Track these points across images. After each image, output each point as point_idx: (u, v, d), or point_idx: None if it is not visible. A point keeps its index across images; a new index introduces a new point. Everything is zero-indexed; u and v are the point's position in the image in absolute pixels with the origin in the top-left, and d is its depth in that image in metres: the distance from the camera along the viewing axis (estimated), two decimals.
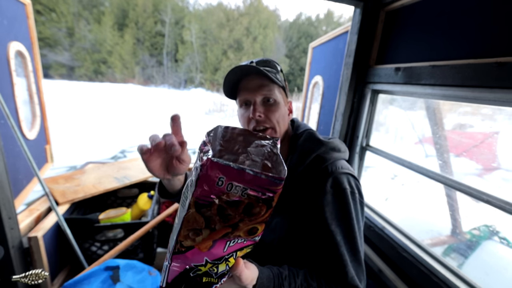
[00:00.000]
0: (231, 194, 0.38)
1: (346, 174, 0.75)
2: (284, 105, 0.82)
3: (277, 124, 0.78)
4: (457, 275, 0.99)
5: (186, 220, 0.41)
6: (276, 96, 0.78)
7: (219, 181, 0.38)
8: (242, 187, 0.38)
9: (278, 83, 0.79)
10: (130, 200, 1.82)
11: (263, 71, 0.74)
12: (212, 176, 0.37)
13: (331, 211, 0.72)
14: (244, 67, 0.75)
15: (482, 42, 0.91)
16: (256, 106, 0.77)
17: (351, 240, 0.71)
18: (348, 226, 0.71)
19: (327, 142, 0.79)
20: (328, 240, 0.70)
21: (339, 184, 0.73)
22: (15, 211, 1.00)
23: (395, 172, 1.84)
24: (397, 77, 1.23)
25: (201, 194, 0.38)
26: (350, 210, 0.72)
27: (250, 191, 0.39)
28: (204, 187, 0.38)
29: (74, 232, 1.33)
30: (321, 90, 1.94)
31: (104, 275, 1.13)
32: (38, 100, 1.52)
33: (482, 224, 1.30)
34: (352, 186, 0.74)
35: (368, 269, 1.35)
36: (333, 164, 0.77)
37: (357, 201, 0.74)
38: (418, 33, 1.18)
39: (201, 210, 0.40)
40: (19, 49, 1.30)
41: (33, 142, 1.44)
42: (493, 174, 1.30)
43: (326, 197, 0.72)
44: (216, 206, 0.39)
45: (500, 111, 1.15)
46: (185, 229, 0.42)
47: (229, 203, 0.39)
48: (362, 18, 1.39)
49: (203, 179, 0.37)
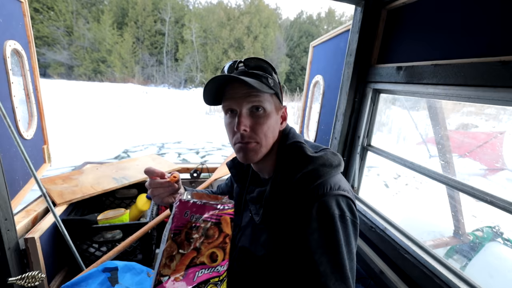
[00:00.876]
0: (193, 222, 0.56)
1: (335, 196, 0.66)
2: (275, 113, 0.73)
3: (264, 138, 0.71)
4: (460, 277, 0.98)
5: (165, 251, 0.55)
6: (266, 105, 0.69)
7: (185, 214, 0.56)
8: (199, 215, 0.57)
9: (269, 91, 0.69)
10: (129, 200, 1.80)
11: (248, 82, 0.64)
12: (181, 211, 0.56)
13: (317, 240, 0.64)
14: (227, 77, 0.66)
15: (485, 40, 0.90)
16: (241, 118, 0.68)
17: (339, 268, 0.63)
18: (335, 255, 0.64)
19: (316, 158, 0.70)
20: (311, 270, 0.64)
21: (326, 210, 0.64)
22: (11, 212, 0.99)
23: (397, 173, 1.83)
24: (399, 76, 1.22)
25: (175, 226, 0.56)
26: (338, 237, 0.64)
27: (204, 217, 0.57)
28: (176, 220, 0.56)
29: (72, 233, 1.32)
30: (322, 89, 1.92)
31: (102, 276, 1.12)
32: (35, 99, 1.51)
33: (485, 225, 1.29)
34: (342, 208, 0.66)
35: (370, 270, 1.34)
36: (321, 184, 0.67)
37: (348, 224, 0.66)
38: (420, 32, 1.16)
39: (174, 238, 0.55)
40: (16, 48, 1.28)
41: (30, 142, 1.43)
42: (498, 175, 1.29)
43: (312, 225, 0.64)
44: (184, 232, 0.56)
45: (504, 111, 1.14)
46: (163, 259, 0.55)
47: (192, 228, 0.56)
48: (364, 16, 1.37)
49: (176, 215, 0.56)
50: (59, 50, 25.37)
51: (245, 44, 31.10)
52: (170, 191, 0.78)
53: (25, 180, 1.34)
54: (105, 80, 27.85)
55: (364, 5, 1.36)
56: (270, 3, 44.92)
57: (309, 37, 32.17)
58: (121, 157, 6.77)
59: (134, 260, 1.46)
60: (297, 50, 32.38)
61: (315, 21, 35.39)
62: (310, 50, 2.18)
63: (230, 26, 31.57)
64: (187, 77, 31.79)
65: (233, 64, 0.74)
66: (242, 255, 0.83)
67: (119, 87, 23.71)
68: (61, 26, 25.49)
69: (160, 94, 22.67)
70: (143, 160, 1.98)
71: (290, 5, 45.08)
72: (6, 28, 1.21)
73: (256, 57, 0.73)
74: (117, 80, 28.20)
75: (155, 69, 30.97)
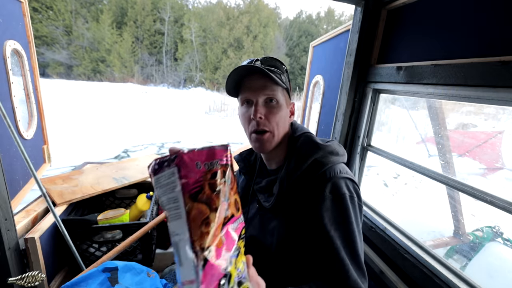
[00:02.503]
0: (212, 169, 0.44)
1: (344, 178, 0.74)
2: (286, 107, 0.81)
3: (276, 127, 0.78)
4: (460, 277, 0.98)
5: (191, 220, 0.41)
6: (279, 97, 0.77)
7: (197, 165, 0.43)
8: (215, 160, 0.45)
9: (282, 85, 0.77)
10: (129, 200, 1.80)
11: (267, 72, 0.73)
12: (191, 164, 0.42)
13: (330, 217, 0.71)
14: (249, 67, 0.74)
15: (485, 40, 0.90)
16: (257, 107, 0.76)
17: (351, 244, 0.70)
18: (347, 231, 0.70)
19: (325, 146, 0.78)
20: (328, 246, 0.69)
21: (338, 189, 0.72)
22: (11, 212, 0.99)
23: (397, 173, 1.83)
24: (399, 76, 1.22)
25: (190, 182, 0.41)
26: (349, 214, 0.71)
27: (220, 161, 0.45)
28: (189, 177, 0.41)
29: (72, 233, 1.31)
30: (321, 89, 1.92)
31: (102, 276, 1.11)
32: (35, 99, 1.51)
33: (485, 225, 1.29)
34: (351, 191, 0.74)
35: (370, 270, 1.34)
36: (331, 168, 0.75)
37: (356, 205, 0.73)
38: (420, 31, 1.16)
39: (197, 198, 0.42)
40: (16, 48, 1.28)
41: (30, 142, 1.42)
42: (497, 174, 1.29)
43: (325, 203, 0.71)
44: (207, 184, 0.43)
45: (503, 110, 1.14)
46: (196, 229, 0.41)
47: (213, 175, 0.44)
48: (363, 16, 1.37)
49: (184, 170, 0.41)
50: (58, 49, 25.30)
51: (244, 43, 31.08)
52: None
53: (25, 180, 1.33)
54: (104, 79, 27.78)
55: (364, 5, 1.36)
56: (269, 3, 44.92)
57: (309, 36, 32.16)
58: (121, 157, 6.77)
59: (134, 260, 1.46)
60: (296, 50, 32.37)
61: (314, 21, 35.39)
62: (310, 50, 2.18)
63: (229, 26, 31.53)
64: (186, 77, 31.74)
65: (251, 61, 0.80)
66: (250, 245, 0.87)
67: (119, 87, 23.67)
68: (60, 26, 25.42)
69: (160, 94, 22.65)
70: (143, 160, 1.98)
71: (289, 5, 45.08)
72: (6, 28, 1.21)
73: (271, 57, 0.80)
74: (116, 80, 28.13)
75: (154, 69, 30.93)
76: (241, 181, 1.03)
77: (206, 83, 30.52)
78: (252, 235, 0.88)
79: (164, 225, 1.81)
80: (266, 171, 0.92)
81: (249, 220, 0.92)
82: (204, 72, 31.47)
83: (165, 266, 1.38)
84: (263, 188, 0.85)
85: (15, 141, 1.09)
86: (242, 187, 1.00)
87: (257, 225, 0.87)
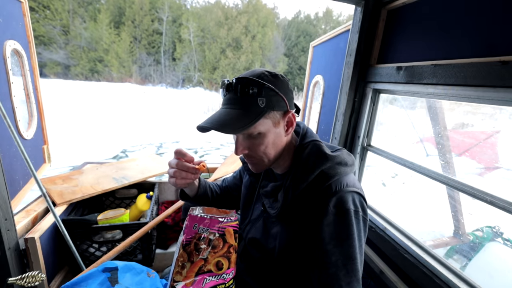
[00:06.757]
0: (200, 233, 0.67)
1: (351, 192, 0.71)
2: (274, 129, 0.72)
3: (264, 155, 0.74)
4: (460, 277, 0.98)
5: (177, 261, 0.64)
6: (261, 128, 0.69)
7: (194, 226, 0.67)
8: (206, 228, 0.68)
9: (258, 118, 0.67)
10: (129, 200, 1.80)
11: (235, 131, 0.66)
12: (191, 224, 0.68)
13: (331, 232, 0.68)
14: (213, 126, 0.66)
15: (485, 40, 0.91)
16: (238, 144, 0.73)
17: (350, 261, 0.68)
18: (348, 247, 0.68)
19: (333, 157, 0.74)
20: (323, 260, 0.68)
21: (342, 204, 0.69)
22: (11, 212, 0.98)
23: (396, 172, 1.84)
24: (399, 76, 1.22)
25: (185, 237, 0.66)
26: (352, 230, 0.68)
27: (210, 230, 0.68)
28: (187, 232, 0.67)
29: (72, 233, 1.31)
30: (321, 89, 1.93)
31: (102, 276, 1.11)
32: (35, 99, 1.50)
33: (485, 225, 1.30)
34: (357, 205, 0.71)
35: (370, 270, 1.35)
36: (338, 181, 0.71)
37: (360, 219, 0.70)
38: (420, 31, 1.17)
39: (185, 248, 0.65)
40: (16, 48, 1.27)
41: (30, 142, 1.42)
42: (494, 173, 1.30)
43: (328, 217, 0.68)
44: (193, 243, 0.66)
45: (500, 110, 1.15)
46: (176, 267, 0.64)
47: (200, 239, 0.66)
48: (363, 16, 1.38)
49: (187, 227, 0.67)
50: (55, 49, 25.14)
51: (243, 43, 31.04)
52: (194, 178, 0.82)
53: (25, 180, 1.33)
54: (102, 79, 27.63)
55: (364, 5, 1.36)
56: (267, 3, 44.93)
57: (307, 36, 32.16)
58: (119, 157, 6.74)
59: (134, 260, 1.46)
60: (295, 50, 32.36)
61: (312, 21, 35.40)
62: (310, 50, 2.18)
63: (228, 26, 31.48)
64: (185, 77, 31.66)
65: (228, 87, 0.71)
66: (251, 247, 0.88)
67: (117, 87, 23.57)
68: (58, 25, 25.25)
69: (158, 94, 22.59)
70: (142, 160, 1.98)
71: (287, 5, 45.06)
72: (6, 28, 1.21)
73: (245, 79, 0.68)
74: (114, 80, 27.98)
75: (152, 69, 30.81)
76: (246, 180, 1.00)
77: (204, 83, 30.45)
78: (255, 237, 0.87)
79: (164, 225, 1.82)
80: (272, 174, 0.89)
81: (253, 221, 0.91)
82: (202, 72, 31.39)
83: (165, 266, 1.38)
84: (269, 193, 0.83)
85: (15, 141, 1.09)
86: (247, 186, 0.98)
87: (260, 227, 0.86)
